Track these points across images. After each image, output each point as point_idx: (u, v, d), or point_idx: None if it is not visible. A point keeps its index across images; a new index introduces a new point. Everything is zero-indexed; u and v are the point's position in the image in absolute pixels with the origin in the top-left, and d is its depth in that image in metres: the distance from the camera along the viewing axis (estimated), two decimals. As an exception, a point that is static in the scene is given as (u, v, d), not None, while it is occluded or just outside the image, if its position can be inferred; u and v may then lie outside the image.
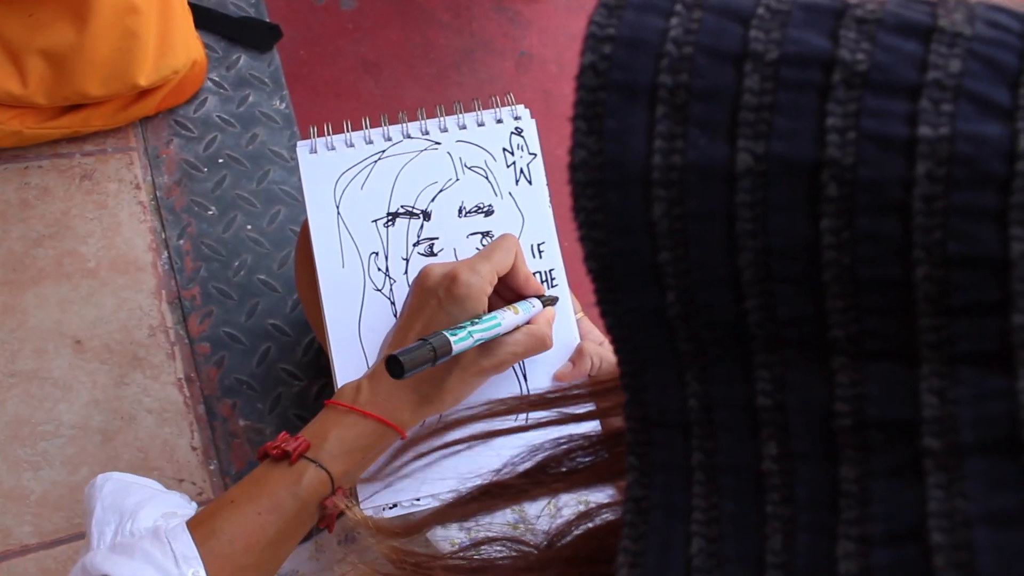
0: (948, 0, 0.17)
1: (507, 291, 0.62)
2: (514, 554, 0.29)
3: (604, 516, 0.27)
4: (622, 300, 0.19)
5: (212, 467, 0.90)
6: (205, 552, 0.48)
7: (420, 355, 0.50)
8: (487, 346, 0.57)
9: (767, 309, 0.18)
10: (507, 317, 0.57)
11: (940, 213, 0.16)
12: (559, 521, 0.28)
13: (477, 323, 0.54)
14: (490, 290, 0.57)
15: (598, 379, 0.30)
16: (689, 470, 0.19)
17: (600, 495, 0.29)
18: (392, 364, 0.49)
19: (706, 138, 0.17)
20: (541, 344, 0.59)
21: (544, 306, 0.62)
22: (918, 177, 0.16)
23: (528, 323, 0.60)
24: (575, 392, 0.32)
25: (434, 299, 0.56)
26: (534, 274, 0.67)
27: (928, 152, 0.16)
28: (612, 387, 0.31)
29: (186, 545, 0.48)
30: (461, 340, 0.52)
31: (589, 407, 0.31)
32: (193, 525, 0.50)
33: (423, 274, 0.58)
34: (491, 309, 0.58)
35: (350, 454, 0.54)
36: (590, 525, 0.27)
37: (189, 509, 0.55)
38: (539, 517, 0.31)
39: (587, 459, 0.28)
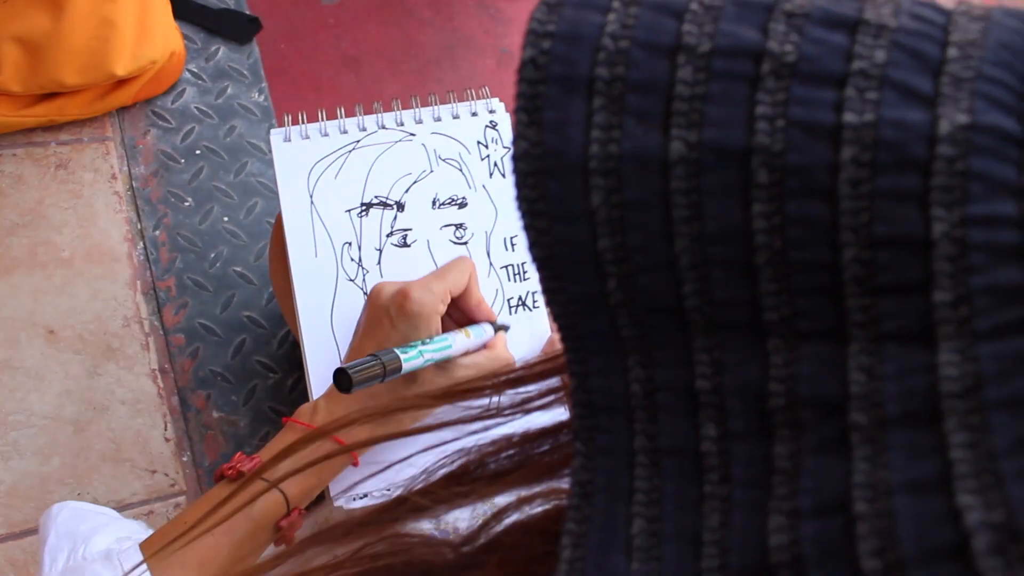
0: None
1: (458, 314, 0.62)
2: (435, 557, 0.29)
3: (534, 507, 0.27)
4: (566, 288, 0.20)
5: (185, 459, 0.90)
6: (157, 573, 0.48)
7: (368, 371, 0.49)
8: (444, 368, 0.57)
9: (704, 293, 0.18)
10: (459, 340, 0.57)
11: (866, 196, 0.16)
12: (482, 513, 0.28)
13: (428, 343, 0.54)
14: (443, 309, 0.57)
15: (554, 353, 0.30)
16: (632, 453, 0.20)
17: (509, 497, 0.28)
18: (340, 378, 0.49)
19: (641, 128, 0.18)
20: (505, 367, 0.59)
21: (495, 332, 0.62)
22: (844, 162, 0.16)
23: (486, 347, 0.60)
24: (541, 367, 0.31)
25: (386, 317, 0.56)
26: (506, 267, 0.67)
27: (853, 138, 0.16)
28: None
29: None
30: (411, 359, 0.52)
31: (554, 393, 0.30)
32: (145, 547, 0.50)
33: (375, 291, 0.58)
34: (444, 331, 0.58)
35: (305, 474, 0.54)
36: (518, 516, 0.27)
37: (144, 535, 0.54)
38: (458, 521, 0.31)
39: (509, 461, 0.28)
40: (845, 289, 0.17)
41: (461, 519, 0.30)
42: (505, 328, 0.64)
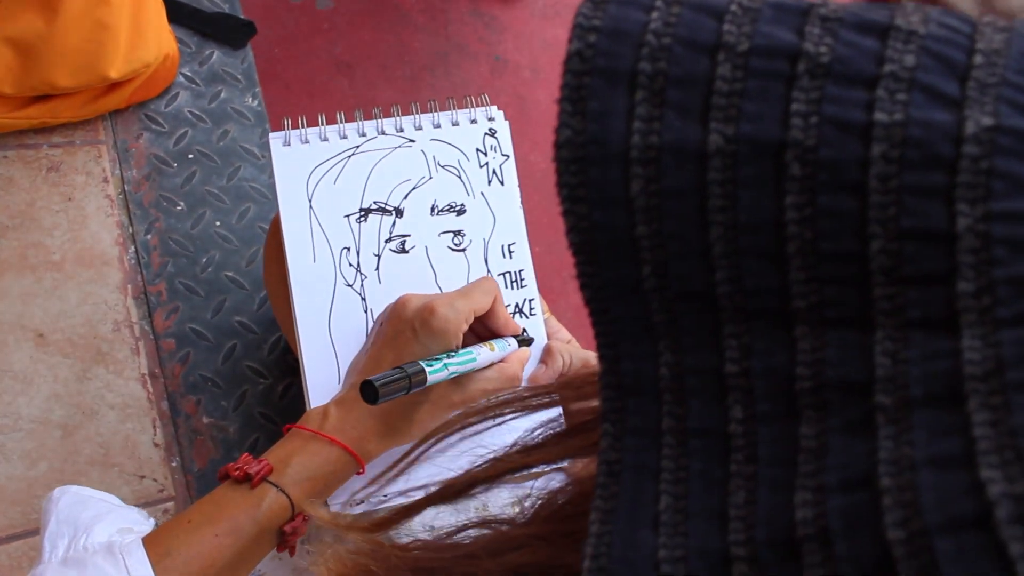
0: (906, 5, 0.19)
1: (485, 331, 0.63)
2: (492, 533, 0.30)
3: (586, 484, 0.29)
4: (600, 273, 0.20)
5: (174, 464, 0.89)
6: (159, 571, 0.48)
7: (395, 383, 0.50)
8: (458, 381, 0.57)
9: (735, 281, 0.19)
10: (483, 353, 0.58)
11: (894, 191, 0.17)
12: (541, 491, 0.29)
13: (453, 356, 0.55)
14: (466, 328, 0.58)
15: (567, 377, 0.32)
16: (659, 434, 0.20)
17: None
18: (367, 390, 0.49)
19: (681, 120, 0.19)
20: (511, 384, 0.60)
21: (520, 346, 0.63)
22: (874, 158, 0.17)
23: (501, 362, 0.61)
24: (547, 390, 0.33)
25: (409, 330, 0.57)
26: (504, 274, 0.68)
27: (883, 135, 0.17)
28: (580, 384, 0.32)
29: (140, 562, 0.48)
30: (436, 372, 0.53)
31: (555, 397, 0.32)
32: (149, 542, 0.49)
33: (400, 303, 0.59)
34: (465, 346, 0.59)
35: (312, 480, 0.54)
36: (575, 491, 0.28)
37: (146, 525, 0.54)
38: (523, 496, 0.33)
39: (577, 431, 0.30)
40: (872, 279, 0.18)
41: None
42: (529, 341, 0.64)
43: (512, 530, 0.28)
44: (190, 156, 1.01)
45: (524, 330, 0.66)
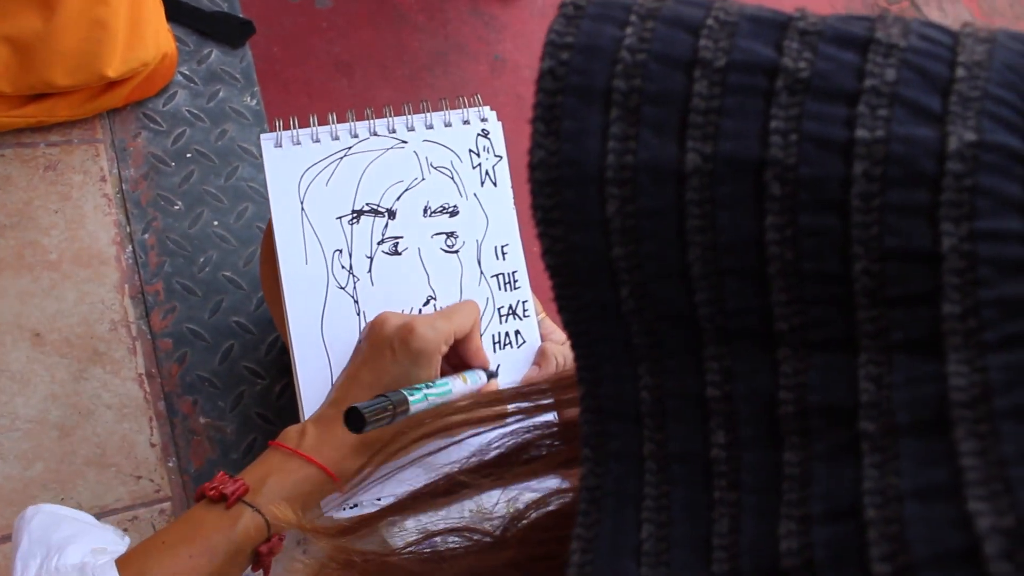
0: (886, 16, 0.18)
1: (454, 357, 0.62)
2: (468, 543, 0.30)
3: (560, 500, 0.28)
4: (578, 295, 0.20)
5: (171, 464, 0.89)
6: None
7: (380, 412, 0.49)
8: (438, 407, 0.57)
9: (716, 302, 0.19)
10: (457, 385, 0.58)
11: (876, 210, 0.17)
12: (516, 506, 0.29)
13: (432, 387, 0.55)
14: (445, 350, 0.57)
15: (562, 375, 0.32)
16: (641, 459, 0.20)
17: (553, 482, 0.29)
18: (352, 418, 0.48)
19: (657, 139, 0.18)
20: (494, 416, 0.59)
21: (488, 379, 0.62)
22: (856, 176, 0.17)
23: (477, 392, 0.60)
24: (540, 387, 0.33)
25: (388, 349, 0.56)
26: (497, 275, 0.67)
27: (865, 153, 0.17)
28: (572, 382, 0.31)
29: None
30: (417, 402, 0.52)
31: (549, 400, 0.31)
32: (122, 563, 0.49)
33: (378, 321, 0.58)
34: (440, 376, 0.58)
35: (289, 500, 0.54)
36: (546, 510, 0.28)
37: (120, 545, 0.54)
38: (496, 505, 0.32)
39: (546, 448, 0.29)
40: (855, 300, 0.17)
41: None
42: (495, 375, 0.64)
43: (489, 556, 0.28)
44: (188, 155, 1.01)
45: (524, 342, 0.65)
